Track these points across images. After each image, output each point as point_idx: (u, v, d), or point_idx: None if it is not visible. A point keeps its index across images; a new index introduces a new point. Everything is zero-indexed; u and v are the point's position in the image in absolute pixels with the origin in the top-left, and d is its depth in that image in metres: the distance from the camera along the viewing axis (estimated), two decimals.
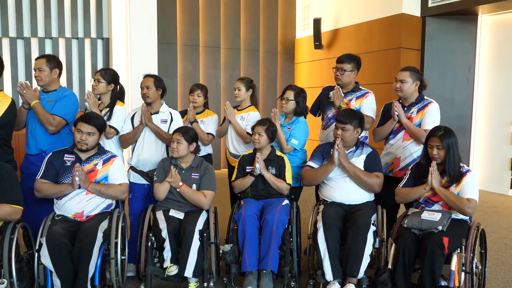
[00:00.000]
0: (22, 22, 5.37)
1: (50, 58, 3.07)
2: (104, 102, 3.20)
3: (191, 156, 2.99)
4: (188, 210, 2.89)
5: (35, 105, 2.89)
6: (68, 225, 2.58)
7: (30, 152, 3.03)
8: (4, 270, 2.25)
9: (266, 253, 2.76)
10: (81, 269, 2.41)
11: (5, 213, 2.37)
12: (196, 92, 3.56)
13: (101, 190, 2.71)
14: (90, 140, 2.71)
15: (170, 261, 2.66)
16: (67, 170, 2.70)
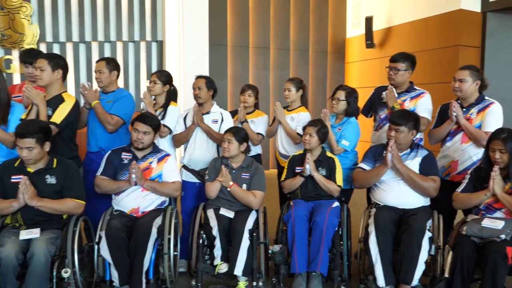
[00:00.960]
0: (84, 27, 5.69)
1: (109, 60, 3.23)
2: (158, 102, 3.32)
3: (242, 156, 3.02)
4: (238, 209, 2.92)
5: (95, 105, 3.05)
6: (125, 220, 2.70)
7: (91, 149, 3.21)
8: (68, 260, 2.40)
9: (316, 255, 2.73)
10: (136, 262, 2.52)
11: (70, 207, 2.53)
12: (247, 93, 3.59)
13: (155, 187, 2.81)
14: (146, 139, 2.82)
15: (220, 259, 2.70)
16: (124, 167, 2.83)
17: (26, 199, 2.38)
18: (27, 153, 2.41)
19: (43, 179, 2.51)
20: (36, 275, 2.25)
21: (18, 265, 2.26)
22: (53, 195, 2.50)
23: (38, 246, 2.29)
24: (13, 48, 5.41)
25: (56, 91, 2.89)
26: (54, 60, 2.87)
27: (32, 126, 2.44)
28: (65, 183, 2.54)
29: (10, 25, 5.34)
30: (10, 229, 2.44)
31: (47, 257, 2.29)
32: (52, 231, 2.45)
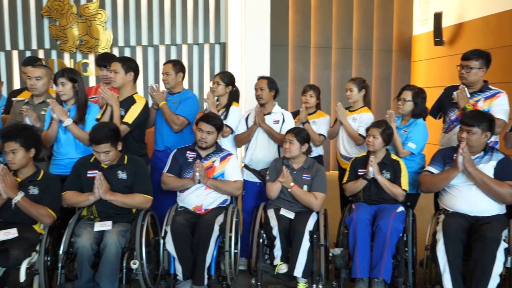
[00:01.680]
0: (153, 32, 5.99)
1: (175, 63, 3.36)
2: (221, 103, 3.39)
3: (303, 157, 3.01)
4: (299, 210, 2.91)
5: (162, 106, 3.19)
6: (189, 216, 2.80)
7: (158, 148, 3.36)
8: (136, 253, 2.53)
9: (379, 261, 2.64)
10: (199, 258, 2.60)
11: (139, 202, 2.68)
12: (308, 93, 3.57)
13: (218, 185, 2.88)
14: (209, 139, 2.90)
15: (280, 259, 2.71)
16: (189, 165, 2.93)
17: (100, 193, 2.55)
18: (104, 156, 2.60)
19: (115, 175, 2.67)
20: (108, 265, 2.40)
21: (92, 254, 2.43)
22: (124, 190, 2.66)
23: (110, 238, 2.45)
24: (89, 52, 5.82)
25: (128, 92, 3.07)
26: (126, 63, 3.04)
27: (105, 131, 2.59)
28: (134, 179, 2.70)
29: (87, 32, 5.75)
30: (86, 221, 2.63)
31: (118, 249, 2.44)
32: (122, 224, 2.60)
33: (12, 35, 5.65)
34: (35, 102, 3.08)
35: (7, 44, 5.67)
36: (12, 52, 5.70)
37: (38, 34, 5.72)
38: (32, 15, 5.69)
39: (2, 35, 5.64)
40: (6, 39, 5.66)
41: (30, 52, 5.69)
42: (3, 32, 5.64)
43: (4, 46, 5.65)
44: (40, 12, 5.67)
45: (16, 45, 5.68)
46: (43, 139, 2.79)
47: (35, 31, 5.72)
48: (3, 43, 5.65)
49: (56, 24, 5.69)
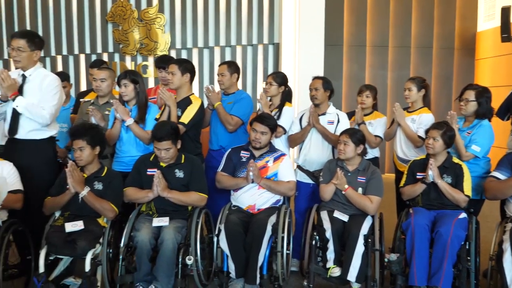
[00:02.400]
0: (208, 34, 6.13)
1: (230, 64, 3.41)
2: (274, 103, 3.40)
3: (358, 159, 2.94)
4: (353, 213, 2.85)
5: (217, 106, 3.26)
6: (242, 215, 2.84)
7: (212, 147, 3.44)
8: (191, 249, 2.61)
9: (438, 269, 2.52)
10: (251, 257, 2.63)
11: (194, 200, 2.76)
12: (364, 93, 3.48)
13: (271, 185, 2.90)
14: (263, 139, 2.92)
15: (333, 262, 2.67)
16: (242, 165, 2.97)
17: (159, 191, 2.66)
18: (165, 153, 2.70)
19: (173, 173, 2.77)
20: (165, 259, 2.50)
21: (150, 249, 2.54)
22: (181, 188, 2.75)
23: (167, 233, 2.54)
24: (149, 55, 6.08)
25: (185, 93, 3.16)
26: (183, 64, 3.14)
27: (166, 130, 2.71)
28: (191, 178, 2.78)
29: (147, 35, 6.01)
30: (145, 216, 2.75)
31: (174, 244, 2.53)
32: (178, 221, 2.69)
33: (80, 40, 6.04)
34: (100, 102, 3.27)
35: (75, 48, 6.06)
36: (80, 56, 6.09)
37: (102, 39, 6.07)
38: (98, 20, 6.04)
39: (71, 40, 6.04)
40: (74, 44, 6.05)
41: (95, 55, 6.05)
42: (72, 38, 6.04)
43: (72, 50, 6.06)
44: (105, 17, 6.01)
45: (83, 49, 6.06)
46: (107, 138, 2.96)
47: (100, 35, 6.07)
48: (71, 48, 6.06)
49: (119, 29, 6.00)
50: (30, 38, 2.81)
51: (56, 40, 6.02)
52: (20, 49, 2.78)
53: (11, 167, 2.62)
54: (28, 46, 2.79)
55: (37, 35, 2.92)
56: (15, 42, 2.78)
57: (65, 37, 6.04)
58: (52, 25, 6.00)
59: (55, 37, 6.01)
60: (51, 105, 2.83)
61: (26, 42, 2.78)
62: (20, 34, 2.83)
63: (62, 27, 6.02)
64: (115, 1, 5.99)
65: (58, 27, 6.01)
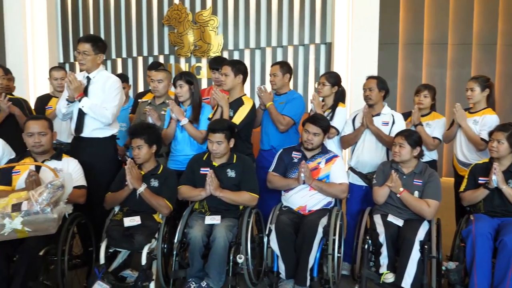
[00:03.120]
0: (260, 34, 6.17)
1: (283, 64, 3.41)
2: (327, 103, 3.36)
3: (414, 161, 2.83)
4: (408, 218, 2.75)
5: (269, 106, 3.26)
6: (293, 216, 2.83)
7: (263, 147, 3.45)
8: (242, 247, 2.64)
9: (502, 281, 2.37)
10: (302, 259, 2.61)
11: (245, 199, 2.79)
12: (422, 93, 3.34)
13: (322, 187, 2.86)
14: (315, 140, 2.89)
15: (386, 267, 2.59)
16: (294, 166, 2.96)
17: (211, 190, 2.72)
18: (217, 146, 2.76)
19: (225, 173, 2.82)
20: (217, 257, 2.55)
21: (203, 246, 2.60)
22: (232, 187, 2.80)
23: (219, 231, 2.59)
24: (202, 56, 6.22)
25: (237, 94, 3.21)
26: (236, 66, 3.18)
27: (223, 124, 2.80)
28: (242, 177, 2.82)
29: (200, 37, 6.16)
30: (197, 214, 2.82)
31: (226, 242, 2.57)
32: (230, 220, 2.73)
33: (138, 43, 6.31)
34: (156, 103, 3.40)
35: (134, 51, 6.34)
36: (138, 58, 6.36)
37: (159, 42, 6.30)
38: (155, 24, 6.28)
39: (130, 43, 6.33)
40: (133, 47, 6.34)
41: (152, 58, 6.28)
42: (131, 41, 6.32)
43: (131, 53, 6.34)
44: (161, 21, 6.23)
45: (141, 52, 6.32)
46: (163, 137, 3.07)
47: (156, 38, 6.30)
48: (130, 51, 6.34)
49: (174, 32, 6.20)
50: (94, 42, 2.98)
51: (117, 44, 6.33)
52: (85, 53, 2.95)
53: (76, 163, 2.79)
54: (92, 50, 2.96)
55: (100, 39, 3.09)
56: (81, 46, 2.96)
57: (124, 41, 6.34)
58: (113, 29, 6.31)
59: (116, 41, 6.32)
60: (113, 105, 2.98)
61: (90, 46, 2.95)
62: (85, 39, 3.00)
63: (122, 31, 6.33)
64: (171, 5, 6.19)
65: (119, 31, 6.32)
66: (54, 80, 3.74)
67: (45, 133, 2.68)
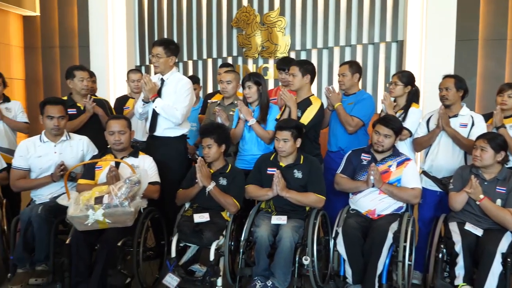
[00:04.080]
0: (328, 34, 6.08)
1: (352, 64, 3.33)
2: (399, 104, 3.22)
3: (497, 167, 2.62)
4: (488, 227, 2.55)
5: (337, 107, 3.20)
6: (361, 220, 2.75)
7: (331, 149, 3.40)
8: (308, 249, 2.62)
9: None
10: (370, 264, 2.53)
11: (312, 201, 2.77)
12: (506, 93, 3.08)
13: (393, 191, 2.75)
14: (386, 142, 2.79)
15: (462, 279, 2.43)
16: (363, 168, 2.88)
17: (278, 190, 2.73)
18: (282, 144, 2.77)
19: (292, 173, 2.82)
20: (283, 257, 2.55)
21: (269, 245, 2.62)
22: (299, 188, 2.79)
23: (285, 231, 2.60)
24: (269, 57, 6.27)
25: (305, 94, 3.19)
26: (303, 66, 3.17)
27: (290, 122, 2.82)
28: (309, 178, 2.80)
29: (268, 38, 6.22)
30: (264, 213, 2.85)
31: (292, 243, 2.57)
32: (296, 220, 2.73)
33: (208, 45, 6.52)
34: (225, 103, 3.48)
35: (204, 53, 6.56)
36: (207, 60, 6.57)
37: (228, 43, 6.45)
38: (224, 27, 6.45)
39: (200, 46, 6.55)
40: (203, 49, 6.56)
41: (221, 59, 6.45)
42: (201, 44, 6.54)
43: (201, 55, 6.56)
44: (230, 23, 6.38)
45: (211, 53, 6.52)
46: (231, 137, 3.14)
47: (225, 40, 6.46)
48: (200, 53, 6.56)
49: (243, 33, 6.31)
50: (166, 45, 3.13)
51: (188, 47, 6.59)
52: (158, 56, 3.11)
53: (151, 160, 2.95)
54: (164, 53, 3.11)
55: (172, 42, 3.23)
56: (155, 50, 3.12)
57: (195, 44, 6.58)
58: (185, 33, 6.58)
59: (187, 44, 6.58)
60: (183, 106, 3.11)
61: (163, 49, 3.11)
62: (158, 42, 3.17)
63: (193, 34, 6.57)
64: (240, 7, 6.32)
65: (190, 34, 6.57)
66: (132, 82, 4.00)
67: (124, 132, 2.87)
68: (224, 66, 4.21)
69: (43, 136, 3.03)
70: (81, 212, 2.44)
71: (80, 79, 3.45)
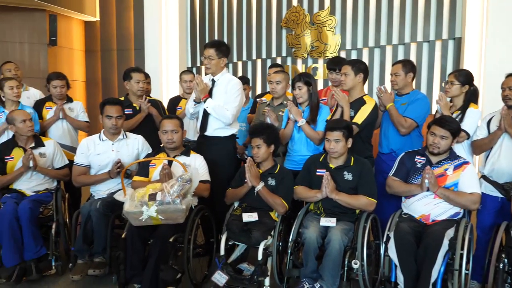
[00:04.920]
0: (380, 32, 5.91)
1: (405, 63, 3.22)
2: (455, 104, 3.08)
3: None
4: None
5: (390, 108, 3.11)
6: (414, 225, 2.65)
7: (382, 151, 3.30)
8: (358, 253, 2.56)
9: None
10: (424, 271, 2.43)
11: (362, 204, 2.71)
12: None
13: (450, 196, 2.63)
14: (442, 144, 2.67)
15: None
16: (417, 171, 2.77)
17: (327, 192, 2.69)
18: (334, 145, 2.74)
19: (342, 175, 2.77)
20: (331, 259, 2.51)
21: (317, 247, 2.59)
22: (349, 190, 2.73)
23: (334, 234, 2.56)
24: (319, 57, 6.21)
25: (358, 94, 3.13)
26: (356, 65, 3.11)
27: (341, 122, 2.78)
28: (359, 181, 2.74)
29: (318, 38, 6.16)
30: (312, 215, 2.82)
31: (341, 246, 2.52)
32: (346, 223, 2.68)
33: (257, 46, 6.57)
34: (274, 104, 3.49)
35: (253, 54, 6.62)
36: (257, 61, 6.62)
37: (277, 44, 6.46)
38: (273, 27, 6.47)
39: (250, 47, 6.62)
40: (253, 50, 6.62)
41: (270, 60, 6.48)
42: (251, 44, 6.61)
43: (251, 56, 6.63)
44: (279, 24, 6.39)
45: (260, 54, 6.56)
46: (281, 137, 3.14)
47: (275, 41, 6.48)
48: (250, 54, 6.63)
49: (292, 34, 6.30)
50: (218, 47, 3.20)
51: (238, 48, 6.67)
52: (210, 57, 3.18)
53: (202, 159, 3.02)
54: (216, 54, 3.18)
55: (224, 43, 3.30)
56: (206, 52, 3.20)
57: (245, 45, 6.66)
58: (235, 34, 6.68)
59: (237, 45, 6.67)
60: (233, 106, 3.16)
61: (214, 50, 3.18)
62: (210, 44, 3.24)
63: (243, 35, 6.65)
64: (289, 8, 6.31)
65: (240, 35, 6.65)
66: (184, 82, 4.12)
67: (177, 131, 2.96)
68: (273, 66, 4.24)
69: (102, 135, 3.20)
70: (136, 208, 2.54)
71: (136, 81, 3.60)
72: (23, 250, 2.91)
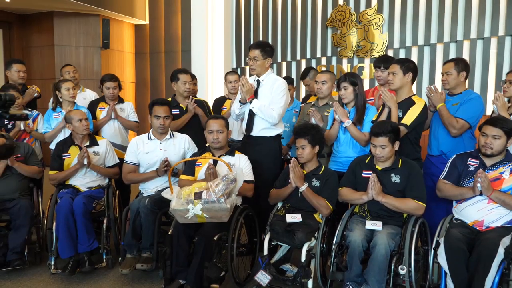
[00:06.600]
0: (430, 30, 5.68)
1: (458, 61, 3.09)
2: None
3: None
4: None
5: (440, 108, 3.00)
6: (466, 231, 2.53)
7: (431, 153, 3.19)
8: (405, 258, 2.48)
9: None
10: (476, 281, 2.31)
11: (411, 207, 2.62)
12: None
13: (505, 200, 2.49)
14: (495, 144, 2.53)
15: None
16: (469, 174, 2.65)
17: (374, 194, 2.63)
18: (380, 151, 2.66)
19: (389, 177, 2.69)
20: (377, 264, 2.45)
21: (362, 250, 2.53)
22: (396, 193, 2.65)
23: (380, 238, 2.49)
24: (365, 56, 6.07)
25: (406, 94, 3.03)
26: (405, 64, 3.01)
27: (386, 126, 2.67)
28: (408, 183, 2.65)
29: (364, 37, 6.02)
30: (358, 217, 2.76)
31: (387, 250, 2.45)
32: (392, 227, 2.60)
33: (302, 46, 6.53)
34: (319, 104, 3.46)
35: (297, 54, 6.59)
36: (301, 61, 6.59)
37: (322, 44, 6.39)
38: (319, 27, 6.40)
39: (294, 47, 6.59)
40: (297, 50, 6.59)
41: (315, 60, 6.42)
42: (296, 45, 6.58)
43: (295, 56, 6.60)
44: (325, 23, 6.31)
45: (305, 54, 6.52)
46: (326, 138, 3.10)
47: (319, 41, 6.41)
48: (294, 54, 6.60)
49: (338, 33, 6.20)
50: (263, 48, 3.21)
51: (282, 48, 6.67)
52: (255, 58, 3.21)
53: (246, 159, 3.05)
54: (261, 55, 3.20)
55: (268, 44, 3.31)
56: (251, 53, 3.23)
57: (289, 45, 6.64)
58: (279, 34, 6.68)
59: (281, 45, 6.67)
60: (279, 106, 3.17)
61: (260, 51, 3.20)
62: (255, 45, 3.26)
63: (287, 35, 6.63)
64: (335, 6, 6.22)
65: (284, 36, 6.65)
66: (229, 83, 4.17)
67: (222, 131, 3.01)
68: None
69: (150, 134, 3.31)
70: (182, 206, 2.61)
71: (183, 82, 3.70)
72: (77, 243, 3.07)
